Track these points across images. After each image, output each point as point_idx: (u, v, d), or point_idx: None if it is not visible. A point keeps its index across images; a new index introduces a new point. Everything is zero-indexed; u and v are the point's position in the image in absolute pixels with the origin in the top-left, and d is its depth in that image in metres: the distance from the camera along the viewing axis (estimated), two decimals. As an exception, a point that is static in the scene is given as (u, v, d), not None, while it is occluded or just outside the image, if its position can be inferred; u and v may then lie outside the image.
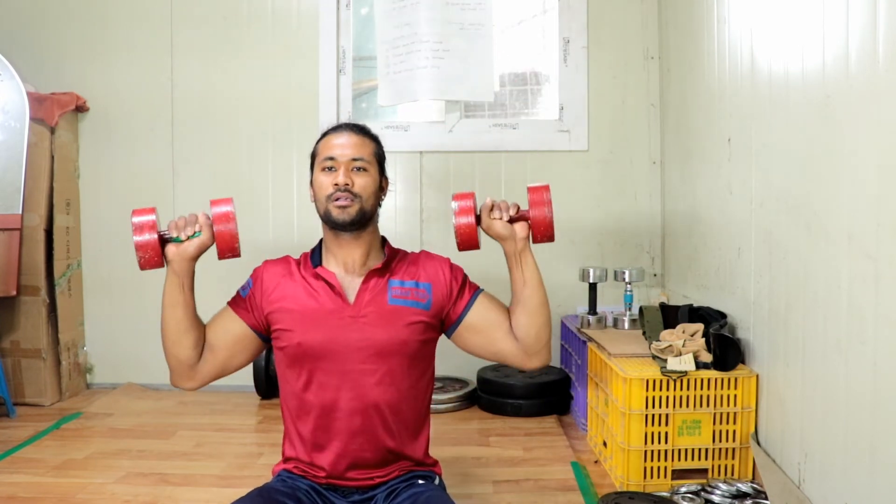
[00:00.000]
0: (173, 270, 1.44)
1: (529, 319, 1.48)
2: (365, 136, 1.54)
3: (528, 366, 1.52)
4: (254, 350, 1.53)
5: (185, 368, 1.48)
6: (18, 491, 2.06)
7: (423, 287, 1.52)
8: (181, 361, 1.47)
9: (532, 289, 1.48)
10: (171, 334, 1.46)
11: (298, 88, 3.20)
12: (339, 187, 1.46)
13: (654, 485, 2.03)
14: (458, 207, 1.48)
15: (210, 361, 1.49)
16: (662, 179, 3.14)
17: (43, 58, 3.22)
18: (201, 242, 1.42)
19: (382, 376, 1.46)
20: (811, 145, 1.71)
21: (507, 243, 1.48)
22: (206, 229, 1.42)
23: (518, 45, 3.44)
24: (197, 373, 1.49)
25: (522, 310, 1.49)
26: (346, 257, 1.51)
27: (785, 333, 1.87)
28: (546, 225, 1.45)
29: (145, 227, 1.40)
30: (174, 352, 1.47)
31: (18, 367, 2.95)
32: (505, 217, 1.47)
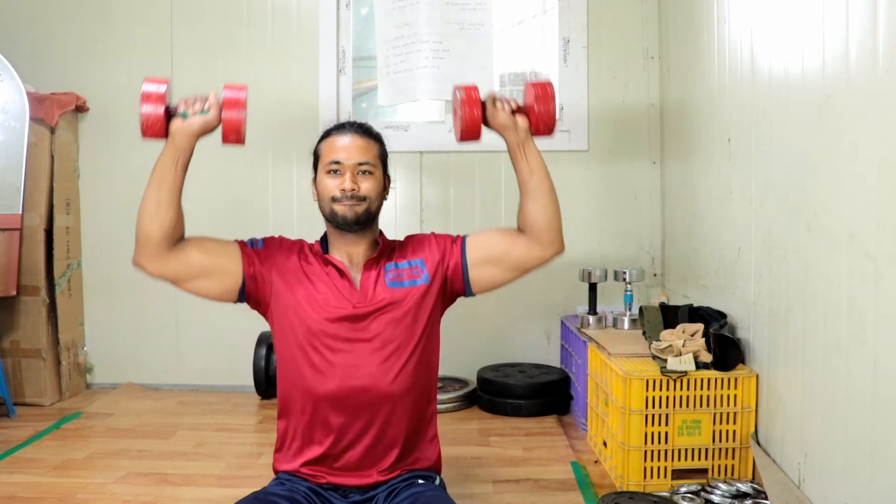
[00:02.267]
0: (173, 144, 1.44)
1: (541, 206, 1.50)
2: (370, 138, 1.55)
3: (545, 255, 1.53)
4: (225, 290, 1.50)
5: (149, 246, 1.44)
6: (18, 491, 2.06)
7: (416, 264, 1.55)
8: (148, 237, 1.44)
9: (539, 177, 1.51)
10: (149, 207, 1.44)
11: (298, 88, 3.20)
12: (346, 193, 1.48)
13: (654, 485, 2.03)
14: (464, 96, 1.49)
15: (179, 260, 1.46)
16: (662, 179, 3.14)
17: (43, 58, 3.22)
18: (207, 121, 1.43)
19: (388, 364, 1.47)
20: (811, 145, 1.71)
21: (510, 134, 1.51)
22: (214, 109, 1.43)
23: (518, 45, 3.44)
24: (159, 258, 1.45)
25: (533, 199, 1.51)
26: (350, 251, 1.55)
27: (785, 333, 1.87)
28: (548, 116, 1.48)
29: (153, 97, 1.41)
30: (146, 225, 1.44)
31: (18, 367, 2.95)
32: (508, 108, 1.50)
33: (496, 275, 1.56)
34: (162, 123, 1.42)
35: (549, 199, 1.51)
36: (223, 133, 1.44)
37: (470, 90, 1.50)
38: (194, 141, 1.45)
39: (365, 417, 1.47)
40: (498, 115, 1.49)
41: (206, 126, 1.44)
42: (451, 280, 1.55)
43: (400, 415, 1.49)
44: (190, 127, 1.43)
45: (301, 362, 1.48)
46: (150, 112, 1.41)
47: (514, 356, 3.14)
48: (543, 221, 1.50)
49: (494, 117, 1.50)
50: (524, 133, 1.50)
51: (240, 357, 3.09)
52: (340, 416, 1.46)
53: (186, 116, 1.43)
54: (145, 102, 1.41)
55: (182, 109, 1.43)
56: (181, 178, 1.46)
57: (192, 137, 1.44)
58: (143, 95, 1.41)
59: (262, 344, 2.98)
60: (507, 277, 1.57)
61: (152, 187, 1.45)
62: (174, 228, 1.45)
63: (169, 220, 1.44)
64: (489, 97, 1.51)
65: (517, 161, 1.52)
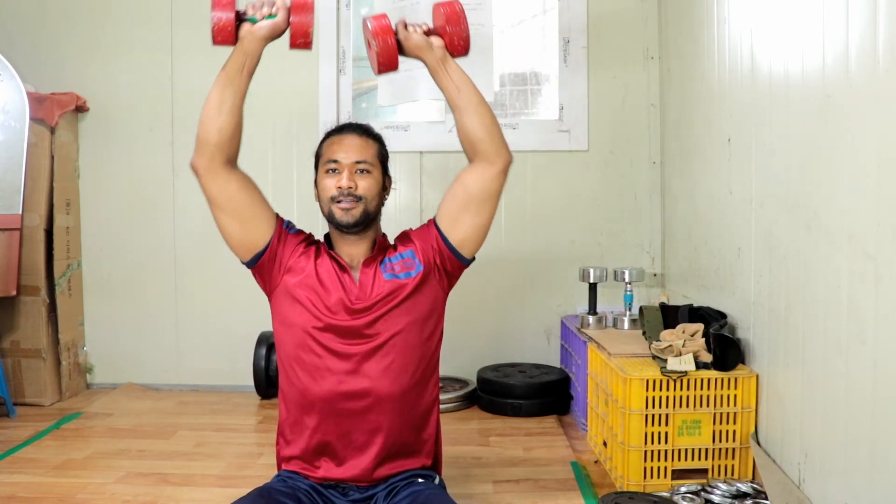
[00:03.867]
0: (242, 49, 1.45)
1: (476, 119, 1.51)
2: (368, 138, 1.57)
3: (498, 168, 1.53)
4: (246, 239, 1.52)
5: (206, 148, 1.48)
6: (18, 491, 2.06)
7: (407, 255, 1.56)
8: (207, 139, 1.47)
9: (466, 92, 1.53)
10: (211, 109, 1.47)
11: (298, 88, 3.20)
12: (343, 191, 1.49)
13: (654, 485, 2.03)
14: (375, 25, 1.49)
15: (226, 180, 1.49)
16: (662, 179, 3.14)
17: (43, 58, 3.22)
18: (275, 24, 1.44)
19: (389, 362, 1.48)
20: (811, 145, 1.71)
21: (427, 54, 1.52)
22: (282, 12, 1.43)
23: (518, 45, 3.43)
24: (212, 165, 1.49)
25: (465, 114, 1.52)
26: (351, 251, 1.57)
27: (785, 333, 1.86)
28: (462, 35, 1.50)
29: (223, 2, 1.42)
30: (206, 127, 1.47)
31: (18, 367, 2.95)
32: (420, 31, 1.51)
33: (473, 221, 1.55)
34: (232, 28, 1.43)
35: (480, 110, 1.52)
36: (291, 36, 1.44)
37: (380, 18, 1.50)
38: (263, 45, 1.46)
39: (363, 411, 1.47)
40: (411, 37, 1.51)
41: (275, 30, 1.45)
42: (443, 258, 1.56)
43: (399, 409, 1.49)
44: (260, 30, 1.44)
45: (301, 357, 1.49)
46: (220, 16, 1.41)
47: (514, 356, 3.13)
48: (482, 133, 1.51)
49: (408, 40, 1.51)
50: (441, 51, 1.52)
51: (240, 357, 3.09)
52: (338, 410, 1.47)
53: (255, 21, 1.43)
54: (216, 8, 1.41)
55: (250, 13, 1.44)
56: (246, 83, 1.48)
57: (261, 41, 1.45)
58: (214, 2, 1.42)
59: (262, 344, 2.98)
60: (483, 217, 1.55)
61: (217, 89, 1.47)
62: (232, 134, 1.48)
63: (229, 125, 1.46)
64: (399, 23, 1.51)
65: (441, 80, 1.53)
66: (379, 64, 1.50)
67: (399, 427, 1.50)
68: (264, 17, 1.43)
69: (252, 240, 1.52)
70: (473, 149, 1.53)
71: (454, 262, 1.56)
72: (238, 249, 1.54)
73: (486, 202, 1.54)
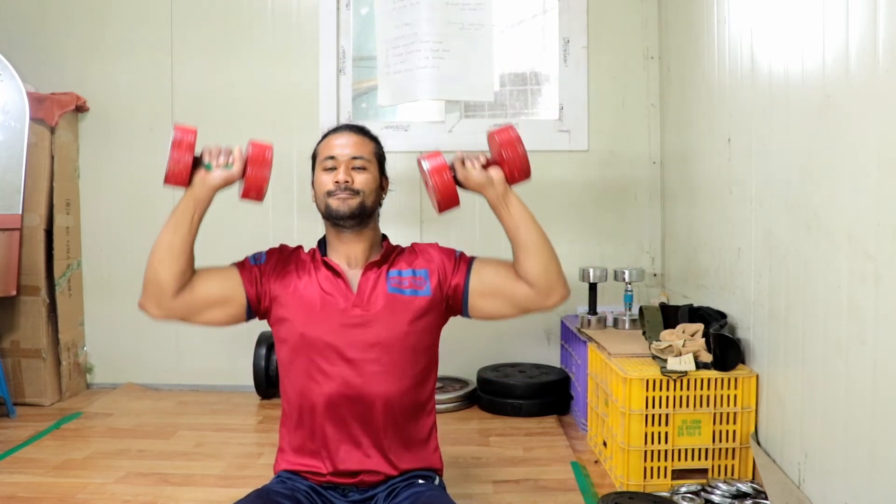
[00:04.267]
0: (193, 195, 1.43)
1: (534, 259, 1.46)
2: (364, 136, 1.57)
3: (549, 303, 1.50)
4: (233, 315, 1.50)
5: (158, 292, 1.43)
6: (18, 491, 2.06)
7: (420, 274, 1.53)
8: (158, 283, 1.42)
9: (526, 229, 1.48)
10: (160, 253, 1.43)
11: (298, 88, 3.20)
12: (340, 185, 1.48)
13: (654, 485, 2.03)
14: (431, 167, 1.46)
15: (185, 301, 1.45)
16: (662, 179, 3.14)
17: (43, 58, 3.21)
18: (229, 175, 1.42)
19: (385, 365, 1.47)
20: (811, 145, 1.71)
21: (488, 190, 1.48)
22: (238, 164, 1.42)
23: (518, 45, 3.44)
24: (167, 303, 1.44)
25: (524, 253, 1.47)
26: (349, 252, 1.53)
27: (785, 333, 1.87)
28: (521, 161, 1.46)
29: (184, 146, 1.40)
30: (156, 271, 1.42)
31: (18, 367, 2.95)
32: (478, 165, 1.47)
33: (500, 308, 1.52)
34: (188, 172, 1.40)
35: (541, 249, 1.47)
36: (244, 189, 1.42)
37: (434, 157, 1.46)
38: (213, 193, 1.44)
39: (361, 418, 1.46)
40: (470, 175, 1.46)
41: (228, 180, 1.43)
42: (451, 298, 1.53)
43: (397, 416, 1.48)
44: (213, 180, 1.42)
45: (298, 366, 1.49)
46: (179, 159, 1.38)
47: (514, 356, 3.13)
48: (539, 274, 1.46)
49: (467, 178, 1.47)
50: (502, 186, 1.47)
51: (240, 357, 3.09)
52: (336, 416, 1.46)
53: (210, 168, 1.41)
54: (176, 150, 1.38)
55: (206, 160, 1.42)
56: (196, 228, 1.45)
57: (212, 190, 1.43)
58: (175, 143, 1.39)
59: (262, 344, 2.98)
60: (509, 313, 1.53)
61: (166, 234, 1.43)
62: (184, 276, 1.44)
63: (180, 268, 1.43)
64: (457, 158, 1.47)
65: (501, 216, 1.49)
66: (439, 203, 1.46)
67: (398, 429, 1.49)
68: (220, 166, 1.41)
69: (234, 310, 1.49)
70: (527, 282, 1.48)
71: (457, 308, 1.54)
72: (230, 323, 1.52)
73: (518, 309, 1.52)
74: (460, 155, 1.48)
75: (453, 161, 1.48)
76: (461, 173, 1.48)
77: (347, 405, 1.46)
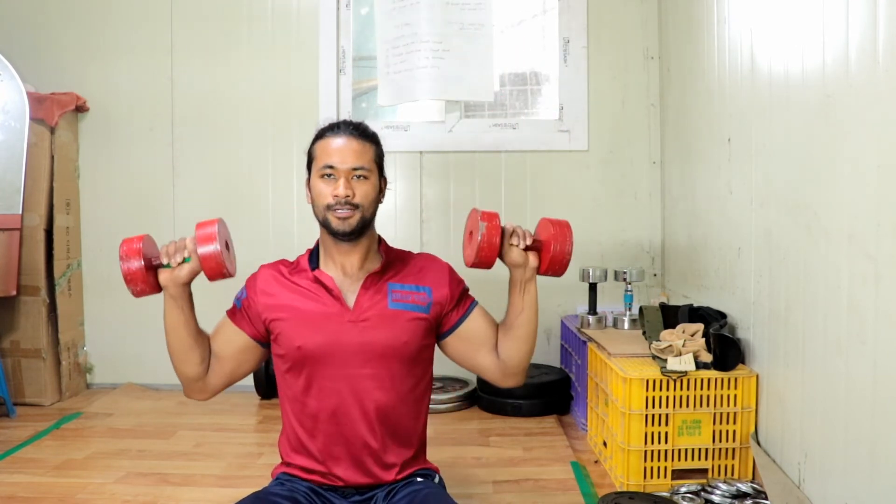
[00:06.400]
0: (170, 295, 1.42)
1: (518, 345, 1.51)
2: (365, 141, 1.49)
3: (502, 384, 1.56)
4: (258, 357, 1.54)
5: (195, 382, 1.50)
6: (18, 491, 2.06)
7: (424, 290, 1.51)
8: (191, 377, 1.49)
9: (528, 317, 1.49)
10: (177, 354, 1.47)
11: (298, 88, 3.20)
12: (340, 199, 1.44)
13: (654, 485, 2.03)
14: (488, 228, 1.42)
15: (218, 372, 1.51)
16: (662, 179, 3.14)
17: (43, 58, 3.22)
18: (192, 269, 1.40)
19: (382, 380, 1.45)
20: (811, 145, 1.71)
21: (518, 271, 1.47)
22: (195, 255, 1.39)
23: (518, 45, 3.44)
24: (207, 384, 1.51)
25: (513, 336, 1.50)
26: (345, 261, 1.50)
27: (785, 333, 1.86)
28: (563, 261, 1.44)
29: (131, 253, 1.38)
30: (183, 369, 1.48)
31: (18, 367, 2.95)
32: (522, 245, 1.44)
33: (458, 356, 1.56)
34: (144, 276, 1.37)
35: (527, 340, 1.51)
36: (206, 273, 1.39)
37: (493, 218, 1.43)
38: (187, 288, 1.43)
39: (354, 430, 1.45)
40: (512, 252, 1.44)
41: (193, 272, 1.41)
42: (440, 326, 1.54)
43: (395, 433, 1.48)
44: (178, 277, 1.40)
45: (292, 381, 1.48)
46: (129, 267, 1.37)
47: (514, 356, 3.13)
48: (514, 360, 1.52)
49: (509, 253, 1.45)
50: (531, 272, 1.46)
51: (240, 357, 3.09)
52: (330, 427, 1.46)
53: (170, 267, 1.40)
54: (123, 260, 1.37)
55: (165, 261, 1.40)
56: (191, 317, 1.45)
57: (183, 287, 1.42)
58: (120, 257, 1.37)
59: (262, 344, 2.98)
60: (466, 366, 1.57)
61: (171, 336, 1.46)
62: (204, 362, 1.49)
63: (200, 356, 1.48)
64: (508, 230, 1.45)
65: (514, 295, 1.49)
66: (475, 264, 1.44)
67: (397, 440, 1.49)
68: (178, 263, 1.39)
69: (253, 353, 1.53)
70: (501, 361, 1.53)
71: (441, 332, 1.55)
72: (262, 362, 1.56)
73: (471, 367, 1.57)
74: (512, 227, 1.46)
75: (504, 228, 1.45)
76: (505, 246, 1.45)
77: (346, 419, 1.45)
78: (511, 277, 1.49)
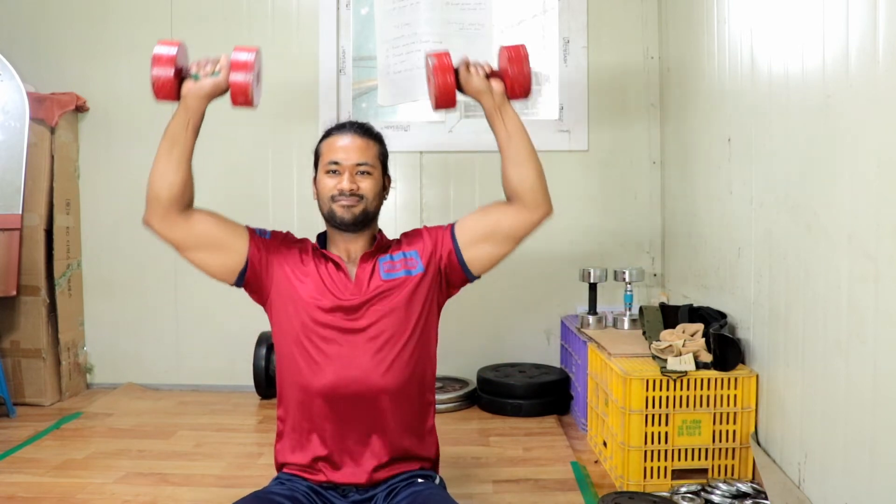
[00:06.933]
0: (185, 106, 1.47)
1: (523, 170, 1.50)
2: (369, 139, 1.57)
3: (534, 219, 1.52)
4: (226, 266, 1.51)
5: (159, 206, 1.48)
6: (18, 491, 2.06)
7: (411, 255, 1.56)
8: (158, 197, 1.47)
9: (518, 141, 1.51)
10: (160, 168, 1.48)
11: (298, 88, 3.20)
12: (345, 192, 1.50)
13: (654, 485, 2.03)
14: (436, 63, 1.48)
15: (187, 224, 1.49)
16: (662, 179, 3.14)
17: (43, 58, 3.21)
18: (216, 83, 1.44)
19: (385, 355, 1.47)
20: (811, 145, 1.71)
21: (485, 98, 1.51)
22: (224, 71, 1.43)
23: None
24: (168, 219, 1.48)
25: (513, 163, 1.51)
26: (348, 247, 1.56)
27: (785, 333, 1.87)
28: (524, 78, 1.49)
29: (163, 60, 1.44)
30: (156, 186, 1.47)
31: (18, 367, 2.95)
32: (482, 72, 1.49)
33: (492, 251, 1.55)
34: (173, 85, 1.44)
35: (529, 162, 1.50)
36: (231, 96, 1.44)
37: (442, 56, 1.49)
38: (205, 103, 1.47)
39: (360, 410, 1.47)
40: (472, 79, 1.49)
41: (217, 88, 1.45)
42: (448, 268, 1.56)
43: (395, 407, 1.49)
44: (201, 89, 1.44)
45: (297, 355, 1.49)
46: (160, 74, 1.42)
47: (514, 356, 3.14)
48: (527, 185, 1.50)
49: (468, 82, 1.50)
50: (500, 97, 1.50)
51: (240, 357, 3.09)
52: (335, 409, 1.47)
53: (198, 78, 1.44)
54: (155, 65, 1.43)
55: (194, 71, 1.44)
56: (192, 140, 1.48)
57: (203, 100, 1.46)
58: (154, 58, 1.43)
59: (262, 344, 2.98)
60: (503, 250, 1.55)
61: (164, 148, 1.48)
62: (184, 190, 1.48)
63: (179, 182, 1.47)
64: (462, 62, 1.50)
65: (495, 126, 1.52)
66: (437, 100, 1.49)
67: (396, 425, 1.50)
68: (207, 75, 1.43)
69: (231, 263, 1.51)
70: (515, 197, 1.51)
71: (460, 275, 1.56)
72: (220, 277, 1.53)
73: (510, 240, 1.54)
74: (466, 59, 1.51)
75: (458, 64, 1.50)
76: (464, 76, 1.50)
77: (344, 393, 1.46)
78: (484, 109, 1.53)
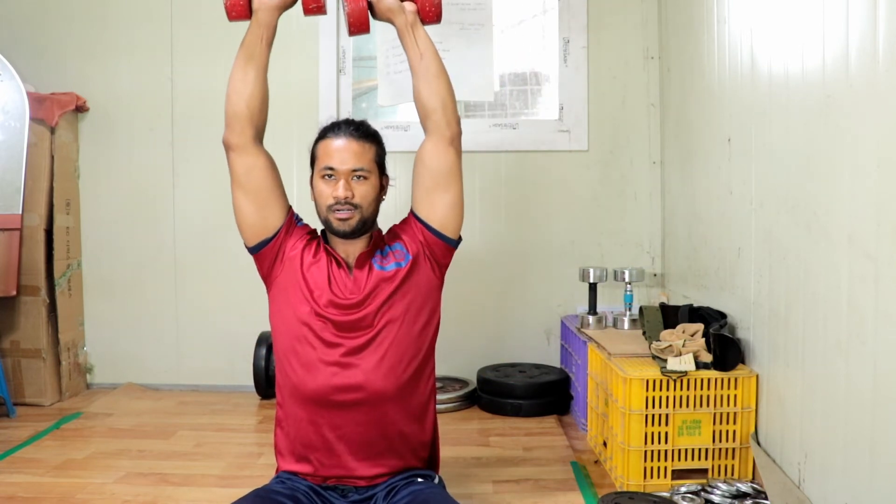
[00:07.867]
0: (258, 21, 1.52)
1: (433, 86, 1.55)
2: (364, 141, 1.55)
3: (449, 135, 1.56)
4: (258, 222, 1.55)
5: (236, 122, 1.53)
6: (18, 491, 2.06)
7: (397, 248, 1.59)
8: (236, 113, 1.52)
9: (429, 59, 1.56)
10: (236, 83, 1.52)
11: (298, 88, 3.20)
12: (340, 200, 1.49)
13: (654, 485, 2.03)
14: None
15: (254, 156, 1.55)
16: (662, 179, 3.14)
17: (43, 58, 3.21)
18: None
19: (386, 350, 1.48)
20: (811, 145, 1.71)
21: (398, 17, 1.56)
22: None
23: (518, 45, 3.44)
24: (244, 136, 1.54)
25: (425, 81, 1.55)
26: (347, 249, 1.58)
27: (785, 333, 1.86)
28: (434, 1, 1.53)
29: None
30: (234, 102, 1.52)
31: (18, 367, 2.95)
32: None
33: (443, 197, 1.58)
34: (245, 2, 1.49)
35: (439, 78, 1.55)
36: (304, 3, 1.49)
37: None
38: (277, 14, 1.52)
39: (359, 409, 1.47)
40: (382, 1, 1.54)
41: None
42: (430, 246, 1.59)
43: (394, 405, 1.49)
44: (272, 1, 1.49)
45: (296, 347, 1.50)
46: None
47: (514, 356, 3.14)
48: (436, 102, 1.54)
49: (380, 2, 1.54)
50: (412, 15, 1.55)
51: (240, 357, 3.09)
52: (334, 406, 1.47)
53: None
54: None
55: None
56: (267, 53, 1.53)
57: (274, 11, 1.51)
58: None
59: (262, 344, 2.98)
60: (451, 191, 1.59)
61: (239, 64, 1.51)
62: (261, 107, 1.53)
63: (258, 95, 1.52)
64: None
65: (407, 44, 1.57)
66: (350, 25, 1.54)
67: (395, 424, 1.50)
68: None
69: (264, 225, 1.55)
70: (426, 117, 1.56)
71: (441, 245, 1.59)
72: (247, 232, 1.56)
73: (448, 176, 1.57)
74: None
75: None
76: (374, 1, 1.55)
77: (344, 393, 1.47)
78: (397, 29, 1.57)
